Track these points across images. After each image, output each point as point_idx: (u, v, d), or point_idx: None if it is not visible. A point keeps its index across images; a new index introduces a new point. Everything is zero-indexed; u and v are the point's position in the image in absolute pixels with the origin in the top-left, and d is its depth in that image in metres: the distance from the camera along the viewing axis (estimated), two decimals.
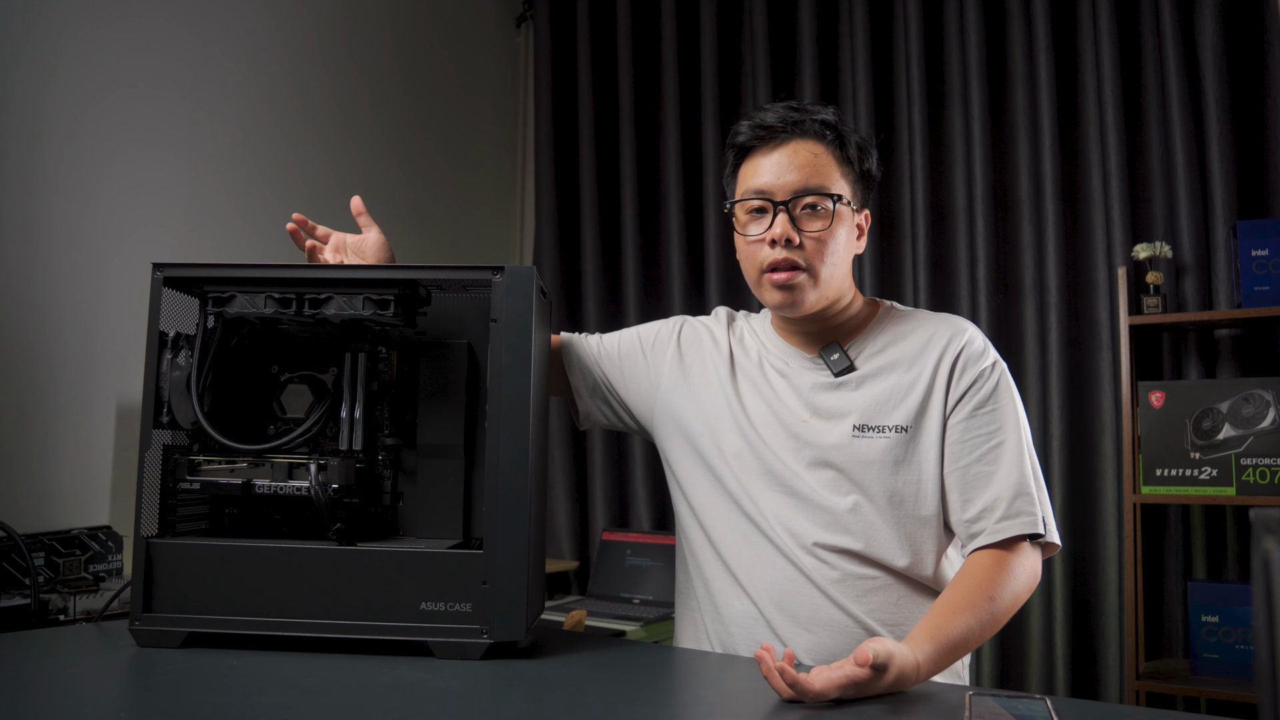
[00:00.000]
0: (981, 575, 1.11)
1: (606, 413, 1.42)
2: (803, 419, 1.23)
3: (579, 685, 0.94)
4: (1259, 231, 2.13)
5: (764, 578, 1.22)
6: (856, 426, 1.21)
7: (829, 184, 1.20)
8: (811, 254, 1.19)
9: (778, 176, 1.20)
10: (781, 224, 1.18)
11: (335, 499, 1.06)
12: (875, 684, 0.90)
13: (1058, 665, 2.33)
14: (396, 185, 2.80)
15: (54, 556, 1.68)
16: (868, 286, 2.63)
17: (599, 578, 2.71)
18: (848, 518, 1.19)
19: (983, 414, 1.19)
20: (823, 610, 1.19)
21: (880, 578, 1.19)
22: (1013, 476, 1.16)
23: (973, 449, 1.18)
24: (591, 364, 1.42)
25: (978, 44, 2.53)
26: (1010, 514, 1.14)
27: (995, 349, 1.26)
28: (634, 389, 1.38)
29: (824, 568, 1.19)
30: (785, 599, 1.20)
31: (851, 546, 1.18)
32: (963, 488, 1.18)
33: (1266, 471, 2.08)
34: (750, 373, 1.30)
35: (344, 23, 2.65)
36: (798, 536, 1.21)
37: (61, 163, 1.92)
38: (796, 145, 1.21)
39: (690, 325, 1.41)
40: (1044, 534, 1.14)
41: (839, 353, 1.24)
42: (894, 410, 1.20)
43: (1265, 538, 0.43)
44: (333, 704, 0.84)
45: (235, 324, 1.12)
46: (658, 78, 3.00)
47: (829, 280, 1.21)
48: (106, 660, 1.00)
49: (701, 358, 1.35)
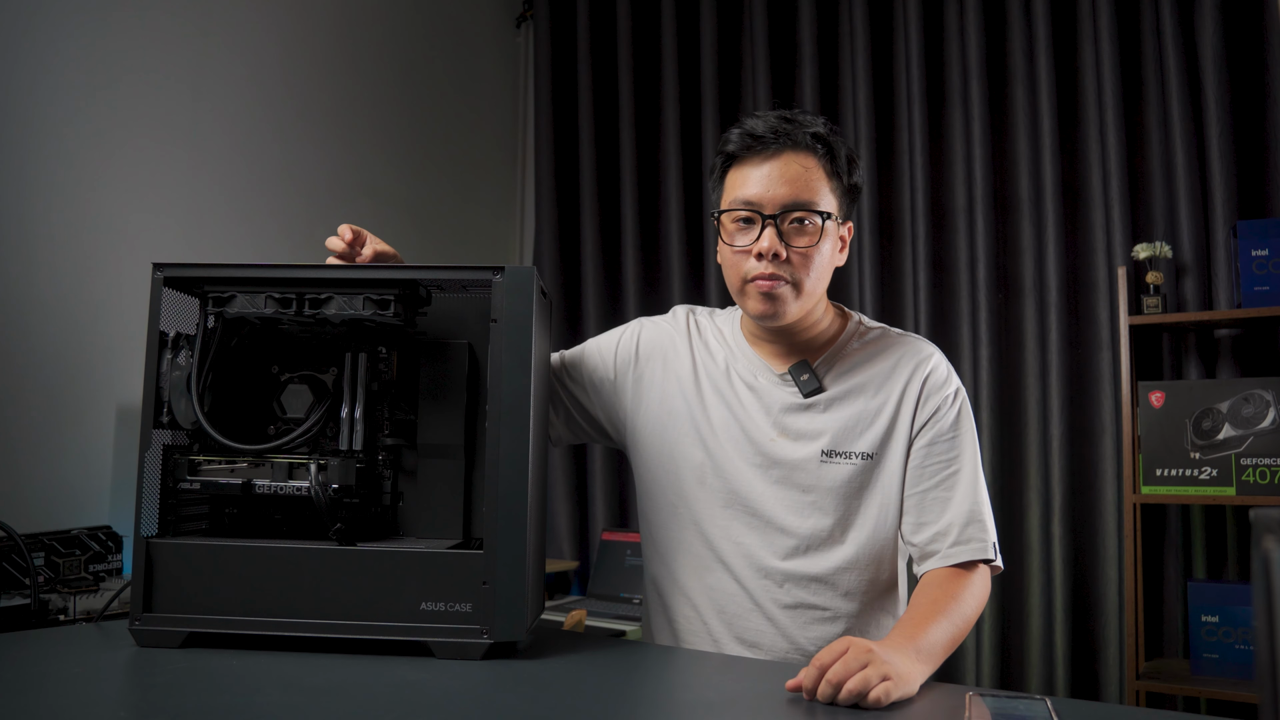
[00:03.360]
0: (948, 585, 1.14)
1: (577, 431, 1.40)
2: (771, 438, 1.24)
3: (579, 685, 0.94)
4: (1259, 231, 2.13)
5: (712, 597, 1.26)
6: (825, 451, 1.22)
7: (818, 200, 1.19)
8: (797, 267, 1.19)
9: (767, 189, 1.18)
10: (769, 238, 1.17)
11: (335, 499, 1.06)
12: (860, 652, 0.89)
13: (1058, 665, 2.33)
14: (396, 185, 2.80)
15: (54, 556, 1.68)
16: (868, 288, 2.63)
17: (599, 578, 2.71)
18: (808, 541, 1.22)
19: (943, 441, 1.22)
20: (767, 635, 1.23)
21: (831, 610, 1.22)
22: (966, 504, 1.19)
23: (931, 475, 1.21)
24: (555, 386, 1.39)
25: (978, 44, 2.53)
26: (963, 540, 1.18)
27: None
28: (602, 406, 1.37)
29: (777, 591, 1.22)
30: (732, 620, 1.25)
31: (809, 571, 1.21)
32: (919, 511, 1.21)
33: (1266, 471, 2.08)
34: (717, 380, 1.29)
35: (344, 22, 2.65)
36: (753, 560, 1.23)
37: (61, 162, 1.92)
38: (787, 158, 1.19)
39: (649, 329, 1.38)
40: (993, 559, 1.18)
41: (809, 373, 1.24)
42: (860, 436, 1.23)
43: (1265, 538, 0.43)
44: (333, 704, 0.84)
45: (235, 324, 1.12)
46: (658, 78, 3.00)
47: (811, 293, 1.21)
48: (106, 660, 1.00)
49: (663, 364, 1.33)
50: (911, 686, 0.91)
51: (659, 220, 2.99)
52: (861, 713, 0.86)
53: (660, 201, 2.98)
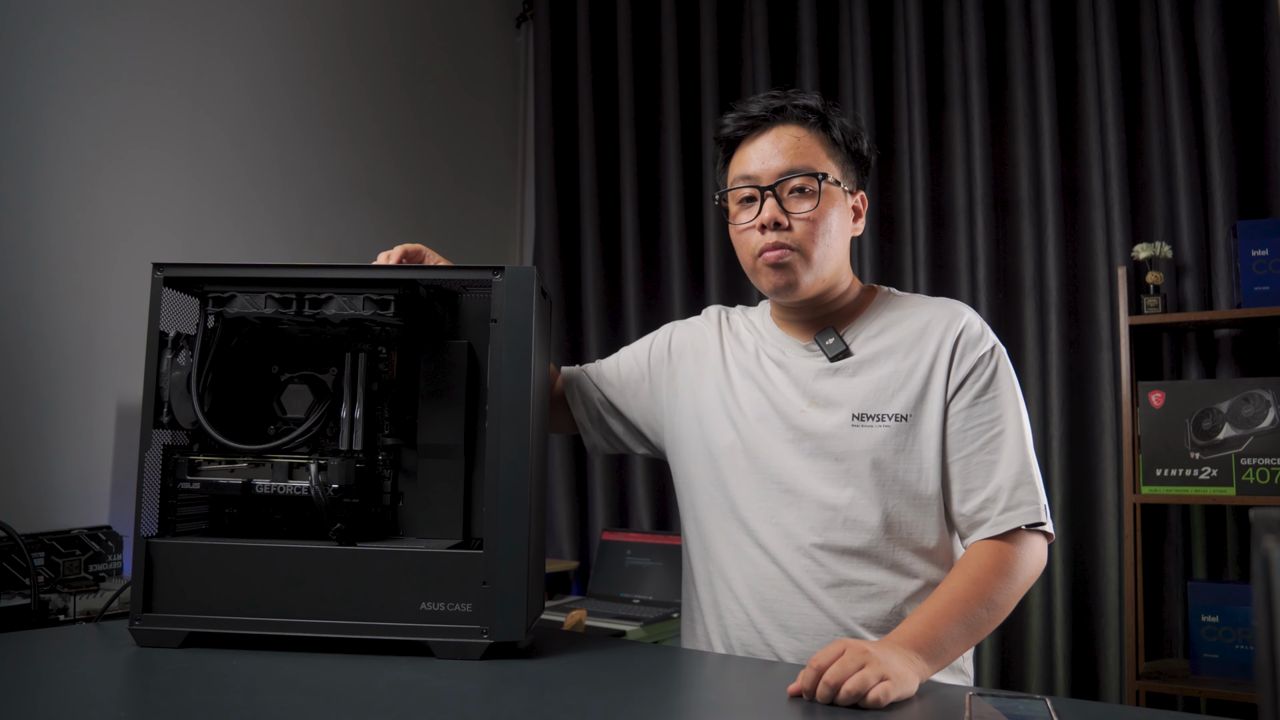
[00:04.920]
0: (979, 572, 1.10)
1: (613, 440, 1.41)
2: (801, 409, 1.22)
3: (579, 685, 0.94)
4: (1259, 231, 2.13)
5: (753, 585, 1.22)
6: (855, 415, 1.19)
7: (814, 164, 1.19)
8: (802, 236, 1.18)
9: (763, 162, 1.20)
10: (770, 208, 1.18)
11: (335, 499, 1.06)
12: (857, 653, 0.89)
13: (1058, 665, 2.33)
14: (396, 185, 2.80)
15: (54, 556, 1.68)
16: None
17: (599, 578, 2.71)
18: (845, 512, 1.17)
19: (984, 401, 1.18)
20: (811, 619, 1.18)
21: (875, 585, 1.17)
22: (1014, 465, 1.15)
23: (975, 438, 1.17)
24: (590, 391, 1.40)
25: (978, 44, 2.53)
26: (1012, 504, 1.13)
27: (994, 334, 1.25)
28: (639, 409, 1.38)
29: (818, 570, 1.18)
30: (774, 606, 1.20)
31: (849, 544, 1.17)
32: (964, 478, 1.17)
33: (1266, 471, 2.08)
34: (746, 365, 1.29)
35: (344, 23, 2.65)
36: (792, 538, 1.19)
37: (61, 162, 1.92)
38: (780, 131, 1.20)
39: (680, 330, 1.40)
40: (1044, 523, 1.14)
41: (834, 337, 1.23)
42: (893, 398, 1.19)
43: (1265, 538, 0.43)
44: (333, 704, 0.84)
45: (235, 324, 1.12)
46: (658, 78, 3.00)
47: (822, 261, 1.19)
48: (106, 660, 1.00)
49: (695, 359, 1.34)
50: (910, 686, 0.91)
51: (659, 220, 2.99)
52: (861, 713, 0.85)
53: (660, 201, 2.98)
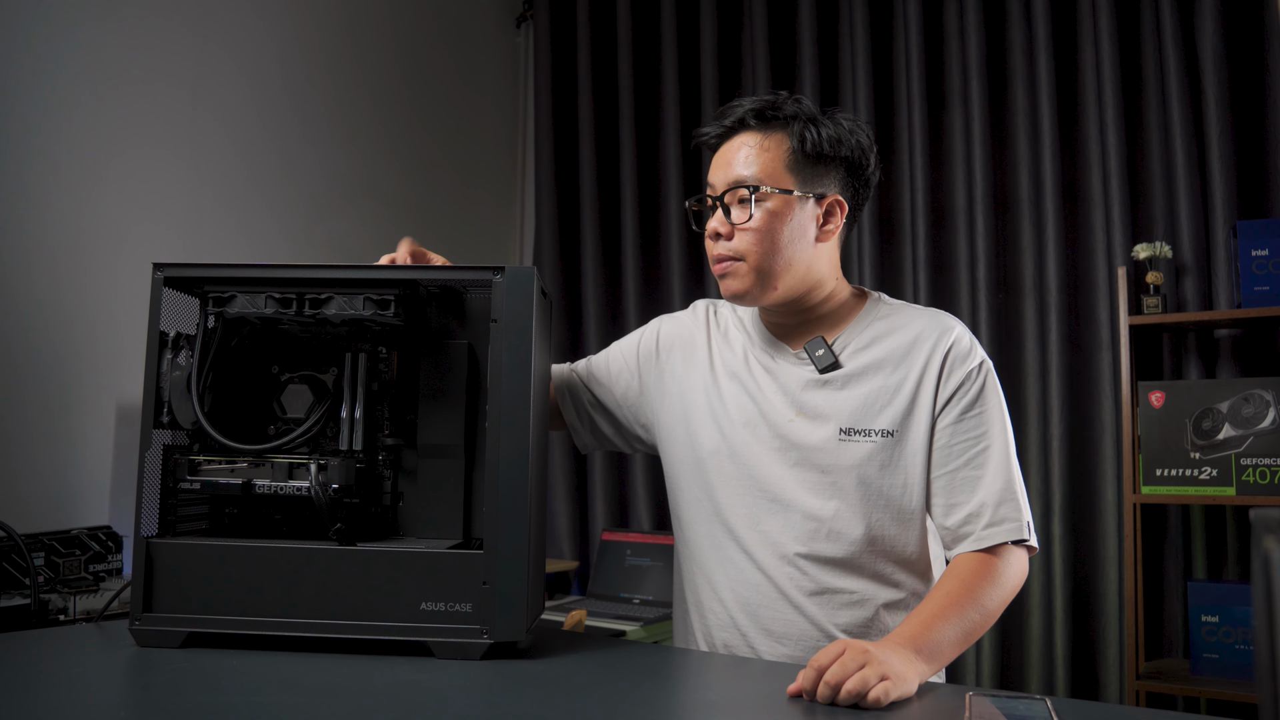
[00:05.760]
0: (969, 577, 1.10)
1: (603, 440, 1.41)
2: (789, 418, 1.22)
3: (579, 685, 0.94)
4: (1259, 231, 2.13)
5: (736, 589, 1.22)
6: (843, 430, 1.19)
7: (753, 174, 1.18)
8: (745, 245, 1.18)
9: (715, 173, 1.22)
10: (714, 219, 1.20)
11: (335, 499, 1.06)
12: (857, 653, 0.89)
13: (1058, 665, 2.33)
14: (396, 185, 2.80)
15: (54, 556, 1.68)
16: (868, 286, 2.63)
17: (599, 578, 2.72)
18: (830, 524, 1.18)
19: (970, 417, 1.18)
20: (794, 624, 1.19)
21: (856, 593, 1.18)
22: (998, 481, 1.15)
23: (960, 453, 1.17)
24: (580, 393, 1.40)
25: (978, 44, 2.53)
26: (996, 520, 1.14)
27: (983, 347, 1.24)
28: (630, 407, 1.37)
29: (801, 578, 1.18)
30: (757, 611, 1.21)
31: (832, 554, 1.18)
32: (949, 492, 1.17)
33: (1266, 471, 2.08)
34: (734, 368, 1.28)
35: (344, 22, 2.65)
36: (777, 546, 1.20)
37: (61, 162, 1.92)
38: (741, 139, 1.21)
39: (667, 324, 1.39)
40: (1027, 539, 1.14)
41: (824, 348, 1.22)
42: (880, 413, 1.19)
43: (1265, 538, 0.43)
44: (333, 704, 0.84)
45: (236, 324, 1.12)
46: (658, 78, 3.00)
47: (771, 271, 1.18)
48: (106, 660, 1.00)
49: (683, 357, 1.34)
50: (910, 686, 0.91)
51: (659, 220, 2.99)
52: (861, 713, 0.85)
53: (660, 201, 2.98)
